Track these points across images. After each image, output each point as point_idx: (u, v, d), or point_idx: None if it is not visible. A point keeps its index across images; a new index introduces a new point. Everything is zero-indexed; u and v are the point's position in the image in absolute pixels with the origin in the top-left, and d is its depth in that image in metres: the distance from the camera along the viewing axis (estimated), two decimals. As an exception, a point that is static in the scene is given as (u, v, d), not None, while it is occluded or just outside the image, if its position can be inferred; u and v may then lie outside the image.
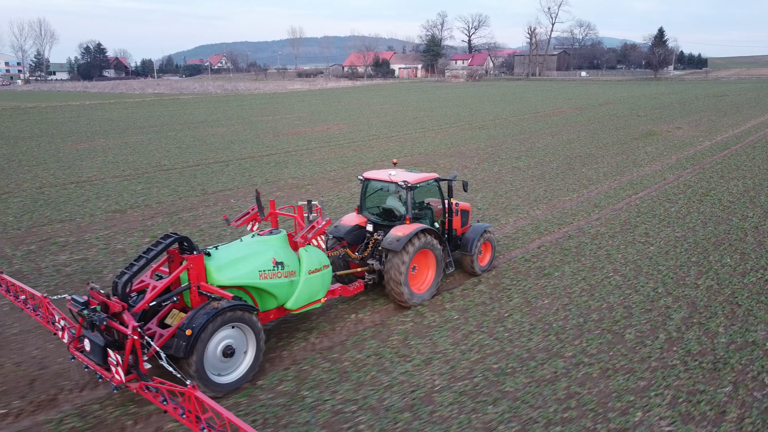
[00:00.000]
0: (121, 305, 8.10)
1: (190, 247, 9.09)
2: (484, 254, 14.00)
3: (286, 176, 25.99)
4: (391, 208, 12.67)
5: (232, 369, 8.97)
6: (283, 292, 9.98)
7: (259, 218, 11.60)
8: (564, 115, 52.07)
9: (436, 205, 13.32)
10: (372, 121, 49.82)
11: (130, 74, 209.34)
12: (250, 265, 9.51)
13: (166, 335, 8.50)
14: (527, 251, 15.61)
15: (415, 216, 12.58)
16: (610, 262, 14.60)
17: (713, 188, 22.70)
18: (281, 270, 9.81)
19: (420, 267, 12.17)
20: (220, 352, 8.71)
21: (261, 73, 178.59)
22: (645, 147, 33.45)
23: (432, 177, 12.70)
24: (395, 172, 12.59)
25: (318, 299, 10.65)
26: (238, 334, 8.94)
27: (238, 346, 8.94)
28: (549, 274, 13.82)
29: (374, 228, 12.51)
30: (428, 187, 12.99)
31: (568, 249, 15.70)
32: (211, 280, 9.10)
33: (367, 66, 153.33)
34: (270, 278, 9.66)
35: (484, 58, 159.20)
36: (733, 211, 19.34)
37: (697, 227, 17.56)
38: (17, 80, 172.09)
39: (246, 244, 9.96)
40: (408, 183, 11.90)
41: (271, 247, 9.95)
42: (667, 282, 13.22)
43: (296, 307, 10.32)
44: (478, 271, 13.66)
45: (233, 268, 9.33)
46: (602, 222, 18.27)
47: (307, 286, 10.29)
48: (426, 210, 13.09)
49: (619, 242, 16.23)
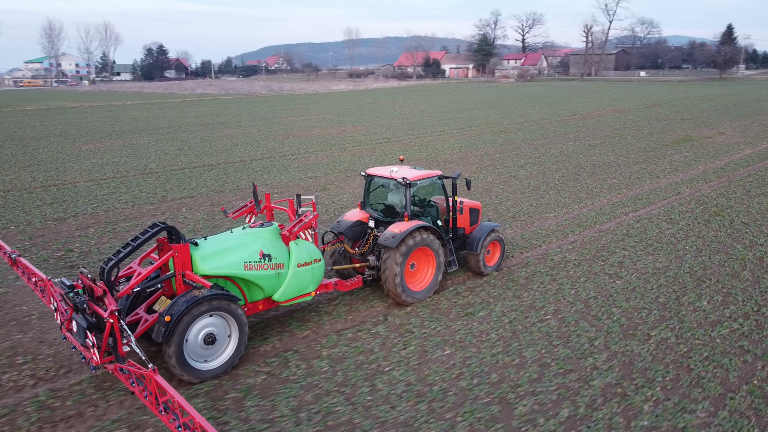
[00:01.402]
0: (103, 289, 8.40)
1: (177, 236, 9.21)
2: (493, 254, 13.75)
3: (259, 183, 24.37)
4: (393, 205, 12.66)
5: (214, 356, 9.17)
6: (269, 284, 10.09)
7: (256, 211, 11.84)
8: (600, 118, 48.38)
9: (442, 202, 13.13)
10: (393, 123, 47.78)
11: (190, 75, 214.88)
12: (235, 256, 9.65)
13: (151, 321, 8.84)
14: (464, 281, 13.27)
15: (416, 213, 12.62)
16: (555, 300, 12.09)
17: (730, 206, 19.48)
18: (268, 262, 9.94)
19: (419, 264, 12.07)
20: (202, 339, 8.92)
21: (313, 73, 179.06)
22: (673, 155, 29.97)
23: (435, 174, 12.54)
24: (397, 169, 12.47)
25: (308, 292, 10.71)
26: (221, 322, 9.13)
27: (220, 335, 9.14)
28: (472, 314, 11.47)
29: (376, 224, 12.49)
30: (431, 185, 12.96)
31: (515, 280, 13.25)
32: (196, 269, 9.26)
33: (416, 66, 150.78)
34: (255, 270, 9.79)
35: (538, 58, 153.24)
36: (741, 236, 16.27)
37: (687, 256, 14.70)
38: (84, 81, 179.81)
39: (234, 236, 10.19)
40: (406, 180, 11.78)
41: (258, 240, 10.10)
42: (613, 331, 10.65)
43: (284, 300, 10.41)
44: (485, 270, 13.41)
45: (218, 258, 9.49)
46: (575, 246, 15.63)
47: (295, 279, 10.35)
48: (430, 207, 13.06)
49: (581, 273, 13.64)
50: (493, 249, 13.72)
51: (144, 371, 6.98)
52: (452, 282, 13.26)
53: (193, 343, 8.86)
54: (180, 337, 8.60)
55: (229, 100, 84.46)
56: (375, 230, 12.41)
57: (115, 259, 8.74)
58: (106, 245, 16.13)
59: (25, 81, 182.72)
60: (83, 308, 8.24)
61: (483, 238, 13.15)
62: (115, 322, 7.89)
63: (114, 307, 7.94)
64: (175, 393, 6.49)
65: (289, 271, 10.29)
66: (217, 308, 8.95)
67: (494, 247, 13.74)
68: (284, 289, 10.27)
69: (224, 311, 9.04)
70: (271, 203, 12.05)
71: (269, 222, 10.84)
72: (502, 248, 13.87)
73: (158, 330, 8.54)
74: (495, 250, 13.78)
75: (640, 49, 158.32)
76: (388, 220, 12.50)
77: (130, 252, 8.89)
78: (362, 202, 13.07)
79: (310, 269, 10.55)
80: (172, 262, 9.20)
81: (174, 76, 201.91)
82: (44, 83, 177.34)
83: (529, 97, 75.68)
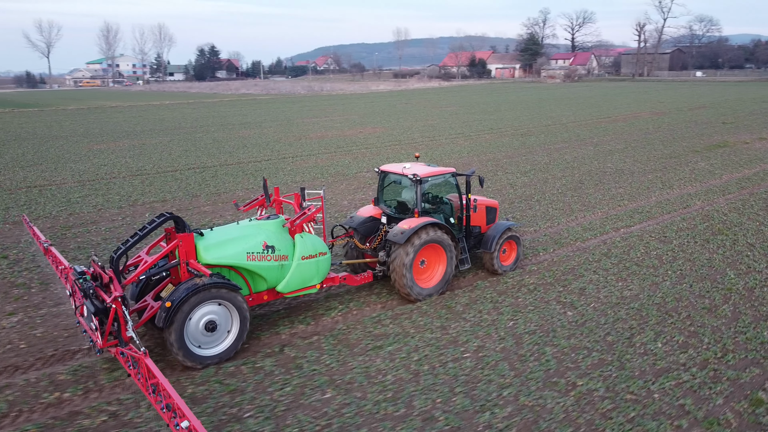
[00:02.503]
0: (109, 276, 8.81)
1: (183, 226, 9.50)
2: (509, 253, 13.59)
3: (239, 188, 23.44)
4: (405, 202, 12.64)
5: (215, 343, 9.39)
6: (272, 275, 10.24)
7: (266, 204, 11.98)
8: (634, 121, 45.42)
9: (457, 200, 13.03)
10: (415, 124, 46.26)
11: (240, 75, 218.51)
12: (238, 246, 9.85)
13: (156, 307, 9.09)
14: (393, 306, 11.78)
15: (428, 210, 12.53)
16: (485, 335, 10.46)
17: (741, 223, 17.18)
18: (271, 253, 10.09)
19: (429, 261, 12.02)
20: (203, 326, 9.16)
21: (358, 74, 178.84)
22: (698, 162, 27.36)
23: (448, 171, 12.46)
24: (410, 165, 12.43)
25: (312, 285, 10.78)
26: (222, 311, 9.34)
27: (221, 322, 9.36)
28: (379, 348, 9.97)
29: (388, 220, 12.41)
30: (443, 182, 12.77)
31: (451, 307, 11.66)
32: (200, 258, 9.50)
33: (459, 66, 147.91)
34: (258, 260, 9.97)
35: (587, 58, 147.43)
36: (739, 260, 14.12)
37: (665, 283, 12.74)
38: (139, 81, 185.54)
39: (240, 227, 10.42)
40: (417, 176, 11.72)
41: (263, 231, 10.27)
42: (534, 377, 8.97)
43: (287, 291, 10.51)
44: (499, 270, 13.25)
45: (221, 248, 9.72)
46: (541, 267, 13.86)
47: (299, 271, 10.46)
48: (443, 205, 13.02)
49: (530, 301, 11.92)
50: (509, 248, 13.56)
51: (136, 354, 7.34)
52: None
53: (194, 329, 9.12)
54: (181, 323, 8.86)
55: (265, 100, 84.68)
56: (386, 226, 12.37)
57: (123, 248, 9.17)
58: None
59: (84, 81, 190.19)
60: (89, 294, 8.56)
61: (498, 236, 13.01)
62: (118, 307, 8.20)
63: (118, 293, 8.31)
64: (160, 376, 6.73)
65: (293, 263, 10.42)
66: (218, 296, 9.17)
67: (510, 246, 13.57)
68: (288, 280, 10.39)
69: (225, 300, 9.26)
70: (280, 197, 12.14)
71: (276, 215, 11.03)
72: (519, 247, 13.67)
73: (159, 315, 8.82)
74: (511, 249, 13.61)
75: (698, 48, 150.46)
76: (400, 216, 12.45)
77: (137, 241, 9.33)
78: (376, 198, 13.14)
79: (314, 262, 10.65)
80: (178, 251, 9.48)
81: (224, 77, 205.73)
82: (102, 83, 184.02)
83: (568, 99, 72.52)
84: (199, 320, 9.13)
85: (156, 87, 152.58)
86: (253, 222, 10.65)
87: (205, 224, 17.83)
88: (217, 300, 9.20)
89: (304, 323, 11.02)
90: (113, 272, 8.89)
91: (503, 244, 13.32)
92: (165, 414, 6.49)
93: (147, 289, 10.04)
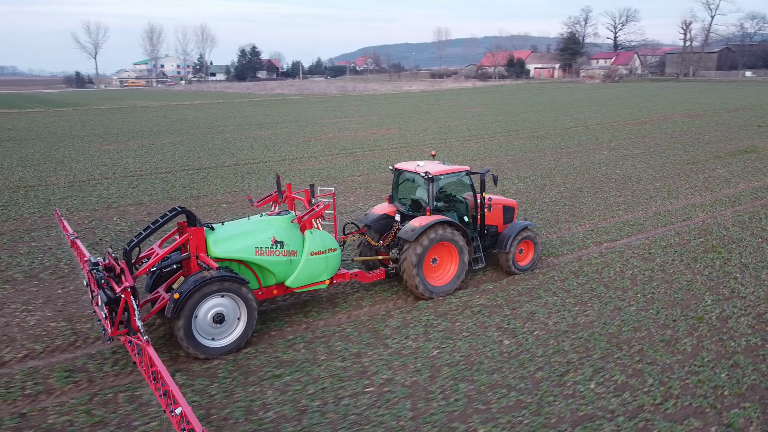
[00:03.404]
0: (121, 267, 9.18)
1: (193, 220, 9.71)
2: (526, 253, 13.38)
3: (221, 191, 22.82)
4: (419, 199, 12.63)
5: (223, 335, 9.60)
6: (281, 269, 10.41)
7: (279, 200, 12.07)
8: (663, 123, 43.03)
9: (472, 199, 12.85)
10: (432, 126, 45.04)
11: (280, 75, 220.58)
12: (246, 241, 10.04)
13: (166, 299, 9.30)
14: (281, 337, 10.77)
15: (440, 208, 12.47)
16: (401, 365, 9.34)
17: (740, 240, 15.49)
18: (280, 249, 10.27)
19: (441, 260, 12.02)
20: (211, 318, 9.37)
21: (395, 74, 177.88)
22: (716, 169, 25.36)
23: (461, 170, 12.43)
24: (423, 163, 12.42)
25: (321, 281, 10.89)
26: (230, 303, 9.55)
27: (229, 315, 9.55)
28: (278, 376, 8.99)
29: (402, 218, 12.41)
30: (457, 180, 12.79)
31: (378, 330, 10.58)
32: (210, 252, 9.75)
33: (496, 66, 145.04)
34: (266, 255, 10.15)
35: (630, 57, 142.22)
36: (723, 283, 12.55)
37: (630, 309, 11.34)
38: (182, 81, 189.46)
39: (250, 223, 10.59)
40: (429, 174, 11.70)
41: (272, 227, 10.42)
42: (432, 421, 7.83)
43: (296, 286, 10.66)
44: (515, 270, 13.08)
45: (230, 242, 9.94)
46: (495, 288, 12.60)
47: (307, 266, 10.58)
48: (457, 203, 12.94)
49: (468, 326, 10.70)
50: (526, 248, 13.34)
51: (140, 343, 7.60)
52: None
53: (202, 320, 9.33)
54: (188, 314, 9.08)
55: (295, 100, 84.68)
56: (399, 224, 12.35)
57: (136, 240, 9.52)
58: (-9, 257, 15.02)
59: (129, 81, 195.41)
60: (101, 284, 8.74)
61: (513, 236, 12.85)
62: (127, 297, 8.42)
63: (128, 284, 8.54)
64: (160, 364, 6.87)
65: (301, 258, 10.52)
66: (226, 289, 9.36)
67: (527, 247, 13.34)
68: (296, 275, 10.51)
69: (233, 293, 9.43)
70: (292, 193, 12.18)
71: (287, 211, 11.16)
72: (536, 248, 13.41)
73: (168, 306, 9.05)
74: (528, 249, 13.38)
75: (749, 47, 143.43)
76: (413, 214, 12.40)
77: (150, 234, 9.64)
78: (390, 196, 13.14)
79: (323, 258, 10.74)
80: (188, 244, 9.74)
81: (264, 77, 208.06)
82: (146, 83, 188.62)
83: (601, 100, 69.80)
84: (207, 312, 9.35)
85: (196, 87, 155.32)
86: (263, 218, 10.82)
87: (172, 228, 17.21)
88: (225, 293, 9.39)
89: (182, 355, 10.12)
90: (125, 263, 9.20)
91: (519, 244, 13.10)
92: (162, 400, 6.66)
93: (161, 281, 10.34)
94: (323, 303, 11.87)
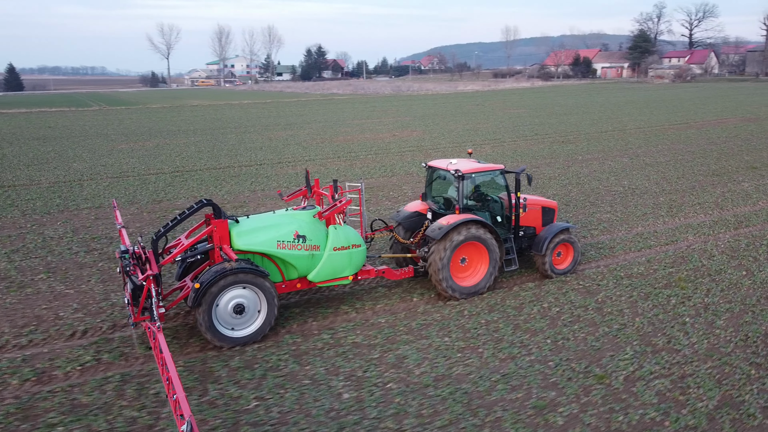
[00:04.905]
0: (146, 257, 9.69)
1: (218, 212, 9.86)
2: (565, 256, 12.88)
3: (180, 196, 21.96)
4: (451, 198, 12.49)
5: (243, 326, 9.78)
6: (302, 263, 10.49)
7: (308, 195, 12.19)
8: (712, 128, 39.02)
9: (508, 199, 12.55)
10: (458, 128, 42.96)
11: (344, 75, 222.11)
12: (268, 234, 10.18)
13: (190, 288, 9.51)
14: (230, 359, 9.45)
15: (471, 207, 12.23)
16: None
17: (719, 271, 12.94)
18: (302, 243, 10.34)
19: (471, 260, 11.76)
20: (231, 308, 9.59)
21: (457, 73, 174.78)
22: (743, 183, 22.19)
23: (493, 168, 12.18)
24: (456, 161, 12.28)
25: (344, 276, 10.87)
26: (251, 295, 9.74)
27: (249, 306, 9.74)
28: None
29: (434, 216, 12.18)
30: (490, 179, 12.50)
31: (295, 352, 9.12)
32: (233, 244, 9.97)
33: (558, 66, 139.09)
34: (288, 249, 10.25)
35: (705, 56, 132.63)
36: (663, 329, 10.25)
37: (528, 356, 9.33)
38: (249, 81, 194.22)
39: (274, 216, 10.78)
40: (459, 172, 11.53)
41: (296, 221, 10.54)
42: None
43: (318, 281, 10.71)
44: (551, 273, 12.57)
45: (252, 235, 10.13)
46: (387, 322, 10.83)
47: (330, 261, 10.62)
48: (492, 203, 12.70)
49: (303, 374, 9.03)
50: (564, 251, 12.86)
51: (153, 327, 8.02)
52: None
53: (222, 311, 9.55)
54: (209, 304, 9.32)
55: (341, 100, 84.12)
56: (429, 221, 12.09)
57: (163, 231, 9.92)
58: None
59: (199, 81, 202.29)
60: (127, 271, 9.25)
61: (550, 238, 12.36)
62: (149, 285, 8.69)
63: (151, 272, 8.77)
64: (166, 350, 7.11)
65: (324, 253, 10.55)
66: (245, 281, 9.51)
67: (566, 250, 12.87)
68: (318, 270, 10.56)
69: (253, 284, 9.59)
70: (320, 188, 12.23)
71: (312, 206, 11.24)
72: (576, 251, 12.88)
73: (190, 296, 9.30)
74: (567, 252, 12.89)
75: None
76: (445, 212, 12.26)
77: (175, 224, 10.03)
78: (423, 193, 13.02)
79: (347, 254, 10.73)
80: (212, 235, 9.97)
81: (330, 77, 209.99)
82: (215, 83, 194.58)
83: (659, 101, 64.92)
84: (228, 303, 9.53)
85: (259, 87, 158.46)
86: (288, 212, 10.97)
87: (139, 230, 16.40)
88: (246, 284, 9.54)
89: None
90: (152, 253, 9.59)
91: (558, 247, 12.60)
92: (167, 385, 6.75)
93: (191, 270, 10.61)
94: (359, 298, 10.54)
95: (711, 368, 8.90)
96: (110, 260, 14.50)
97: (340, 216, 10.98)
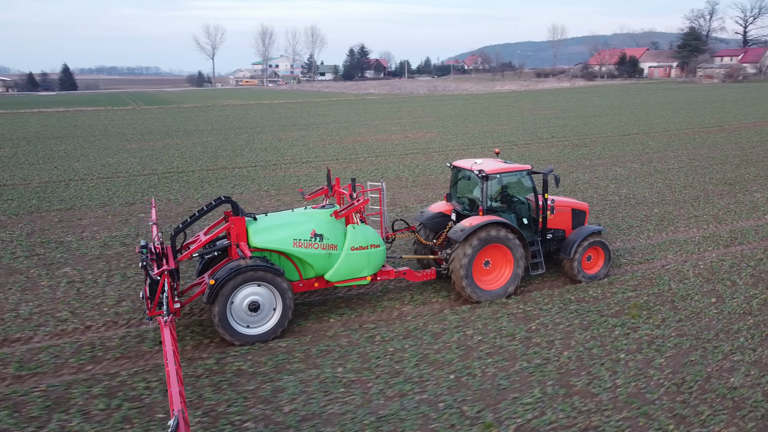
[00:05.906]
0: (164, 252, 9.92)
1: (237, 210, 9.97)
2: (595, 261, 12.43)
3: (162, 197, 21.51)
4: (475, 199, 12.15)
5: (258, 323, 9.79)
6: (319, 262, 10.39)
7: (329, 194, 12.23)
8: (744, 132, 36.35)
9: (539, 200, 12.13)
10: (474, 129, 41.55)
11: (387, 75, 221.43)
12: (285, 232, 10.13)
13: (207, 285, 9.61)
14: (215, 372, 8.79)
15: (495, 208, 11.88)
16: None
17: (684, 297, 11.42)
18: (319, 242, 10.25)
19: (495, 262, 11.44)
20: (246, 305, 9.61)
21: (499, 73, 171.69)
22: (756, 193, 20.24)
23: (520, 169, 11.85)
24: (481, 161, 12.06)
25: (362, 276, 10.71)
26: (267, 293, 9.73)
27: (265, 304, 9.74)
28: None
29: (458, 217, 11.87)
30: (517, 180, 12.20)
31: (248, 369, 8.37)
32: (250, 241, 9.98)
33: (601, 65, 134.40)
34: (305, 248, 10.17)
35: (760, 54, 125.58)
36: (590, 366, 8.94)
37: (419, 395, 8.22)
38: (292, 81, 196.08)
39: (292, 214, 10.75)
40: (483, 173, 11.28)
41: (313, 220, 10.45)
42: None
43: (335, 280, 10.60)
44: (580, 278, 12.16)
45: (269, 233, 10.11)
46: (285, 347, 9.87)
47: (347, 261, 10.48)
48: (518, 204, 12.30)
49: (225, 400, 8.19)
50: (595, 255, 12.43)
51: (159, 320, 8.16)
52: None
53: (238, 307, 9.59)
54: (224, 300, 9.35)
55: (371, 100, 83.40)
56: (453, 223, 11.82)
57: (181, 227, 9.97)
58: None
59: (243, 81, 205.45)
60: (144, 266, 9.32)
61: (578, 241, 11.96)
62: (164, 279, 8.82)
63: (166, 267, 8.94)
64: (169, 344, 7.13)
65: (342, 253, 10.43)
66: (260, 278, 9.51)
67: (597, 253, 12.43)
68: (336, 269, 10.44)
69: (267, 282, 9.57)
70: (341, 188, 12.12)
71: (332, 205, 11.16)
72: (607, 255, 12.41)
73: (206, 292, 9.42)
74: (598, 256, 12.44)
75: None
76: (469, 213, 11.98)
77: (194, 221, 10.08)
78: (448, 194, 12.75)
79: (365, 254, 10.58)
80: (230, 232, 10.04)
81: (372, 76, 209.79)
82: (259, 83, 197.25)
83: (702, 102, 61.49)
84: (243, 300, 9.55)
85: (299, 87, 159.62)
86: (307, 210, 10.89)
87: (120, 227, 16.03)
88: (261, 282, 9.53)
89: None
90: (170, 248, 9.74)
91: (587, 251, 12.17)
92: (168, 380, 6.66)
93: (210, 266, 10.64)
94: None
95: (623, 420, 7.59)
96: (46, 266, 14.05)
97: (357, 215, 10.77)
